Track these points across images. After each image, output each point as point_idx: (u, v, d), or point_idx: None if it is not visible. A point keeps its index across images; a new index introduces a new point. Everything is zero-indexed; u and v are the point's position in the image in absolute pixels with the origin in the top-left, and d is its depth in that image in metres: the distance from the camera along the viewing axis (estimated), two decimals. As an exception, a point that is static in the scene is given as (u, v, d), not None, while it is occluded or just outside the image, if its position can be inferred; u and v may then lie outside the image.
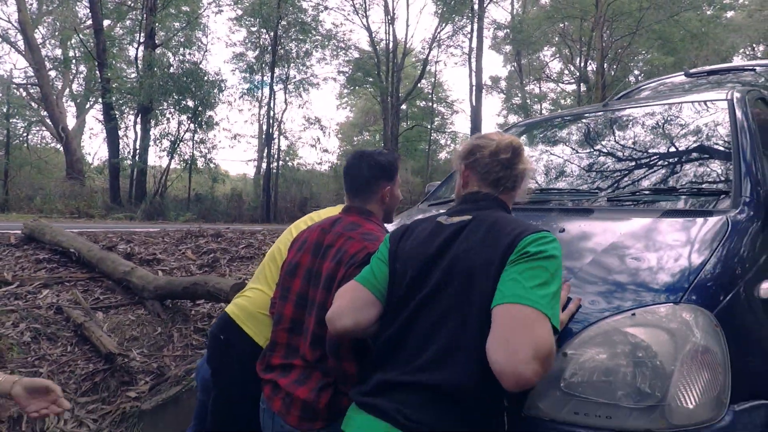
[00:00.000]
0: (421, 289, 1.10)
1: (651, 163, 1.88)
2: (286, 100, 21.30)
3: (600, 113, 2.31)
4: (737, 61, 37.06)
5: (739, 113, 1.82)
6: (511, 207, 1.28)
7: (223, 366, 1.75)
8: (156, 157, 16.79)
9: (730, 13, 26.49)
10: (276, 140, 19.59)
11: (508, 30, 23.72)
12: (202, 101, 15.78)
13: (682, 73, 3.76)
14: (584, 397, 1.04)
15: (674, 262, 1.21)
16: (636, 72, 30.69)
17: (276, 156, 18.75)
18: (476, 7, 20.59)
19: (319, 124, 21.07)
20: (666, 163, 1.84)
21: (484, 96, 24.79)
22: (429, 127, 28.43)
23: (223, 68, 50.22)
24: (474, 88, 20.92)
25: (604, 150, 2.08)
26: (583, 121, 2.39)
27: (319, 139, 21.62)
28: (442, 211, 1.34)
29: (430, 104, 28.74)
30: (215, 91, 16.19)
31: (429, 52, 22.85)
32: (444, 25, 21.25)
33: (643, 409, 0.99)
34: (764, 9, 32.37)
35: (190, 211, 14.59)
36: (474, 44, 21.29)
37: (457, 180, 1.32)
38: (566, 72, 33.08)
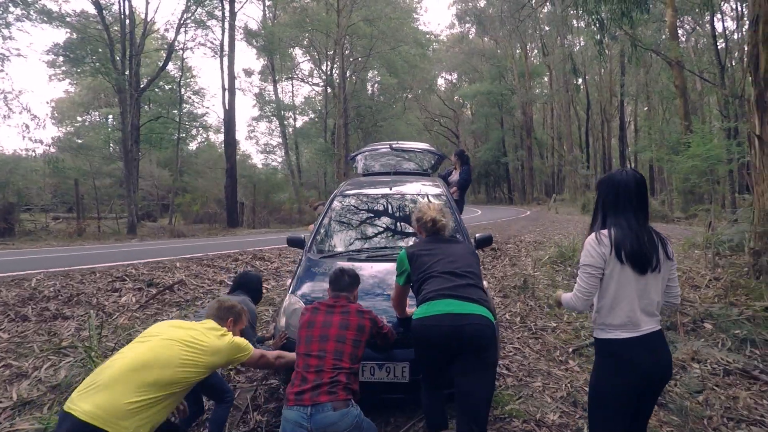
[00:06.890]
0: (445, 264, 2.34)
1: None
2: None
3: (390, 195, 4.07)
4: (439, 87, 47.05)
5: (450, 200, 3.85)
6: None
7: None
8: None
9: (430, 49, 33.65)
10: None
11: (262, 37, 23.89)
12: None
13: (389, 145, 5.21)
14: None
15: None
16: (370, 85, 35.83)
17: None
18: (227, 10, 19.98)
19: (26, 110, 16.72)
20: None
21: (237, 92, 24.43)
22: (177, 116, 26.12)
23: None
24: (227, 91, 20.20)
25: (392, 219, 3.94)
26: (384, 198, 4.05)
27: (27, 126, 17.08)
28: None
29: (177, 89, 26.40)
30: None
31: (176, 36, 20.99)
32: (191, 14, 19.93)
33: None
34: (455, 47, 42.72)
35: None
36: (226, 45, 20.58)
37: (417, 227, 2.65)
38: (315, 73, 35.77)
